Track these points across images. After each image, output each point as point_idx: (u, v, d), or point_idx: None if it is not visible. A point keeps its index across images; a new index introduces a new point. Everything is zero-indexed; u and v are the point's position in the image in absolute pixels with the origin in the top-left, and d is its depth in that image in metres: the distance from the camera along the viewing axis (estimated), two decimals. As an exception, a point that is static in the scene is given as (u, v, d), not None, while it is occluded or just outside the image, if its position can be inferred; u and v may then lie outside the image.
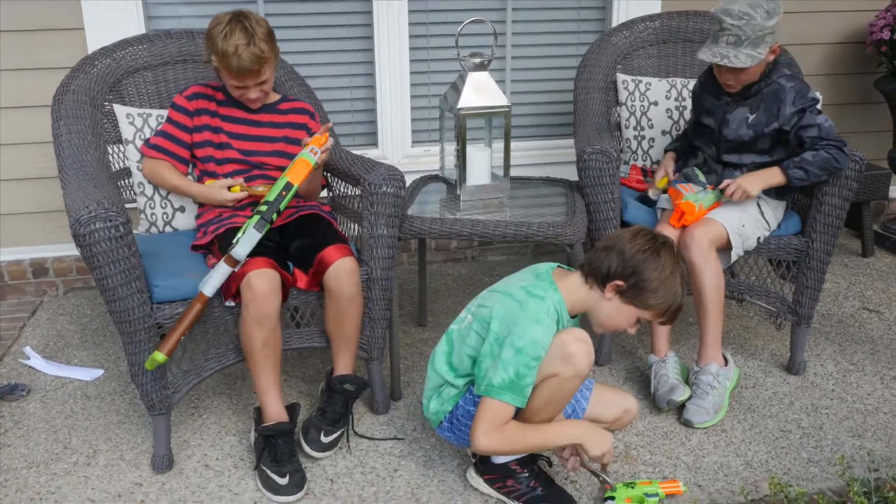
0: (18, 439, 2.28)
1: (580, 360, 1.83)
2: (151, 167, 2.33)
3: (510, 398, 1.82)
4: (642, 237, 1.87)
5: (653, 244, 1.85)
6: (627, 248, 1.85)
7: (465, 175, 2.51)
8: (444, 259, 3.57)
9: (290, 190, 2.09)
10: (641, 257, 1.83)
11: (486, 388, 1.83)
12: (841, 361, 2.68)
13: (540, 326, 1.82)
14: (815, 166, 2.31)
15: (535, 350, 1.81)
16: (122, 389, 2.53)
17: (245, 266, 2.02)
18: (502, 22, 3.32)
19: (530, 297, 1.86)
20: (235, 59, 2.13)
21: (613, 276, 1.85)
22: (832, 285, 3.27)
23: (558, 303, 1.88)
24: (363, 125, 3.34)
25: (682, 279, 1.87)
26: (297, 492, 2.01)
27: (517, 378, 1.81)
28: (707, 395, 2.32)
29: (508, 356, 1.81)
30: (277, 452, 2.05)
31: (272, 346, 2.08)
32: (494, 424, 1.84)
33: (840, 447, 2.22)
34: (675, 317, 1.91)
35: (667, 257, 1.84)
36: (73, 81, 2.36)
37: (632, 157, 2.90)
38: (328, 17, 3.16)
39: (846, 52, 3.63)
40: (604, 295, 1.87)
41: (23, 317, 3.02)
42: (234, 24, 2.15)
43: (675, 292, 1.85)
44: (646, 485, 1.99)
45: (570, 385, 1.87)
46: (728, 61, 2.29)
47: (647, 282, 1.83)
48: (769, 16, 2.26)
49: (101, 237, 1.85)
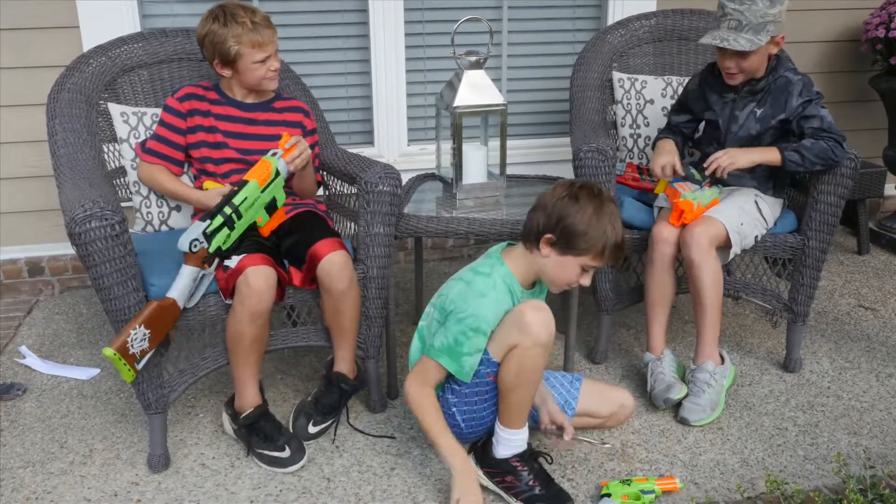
0: (14, 438, 2.27)
1: (536, 328, 1.86)
2: (148, 172, 2.32)
3: (446, 361, 1.91)
4: (560, 186, 1.92)
5: (570, 189, 1.90)
6: (548, 202, 1.91)
7: (461, 173, 2.51)
8: (440, 257, 3.57)
9: (245, 185, 2.07)
10: (561, 204, 1.88)
11: (428, 348, 1.97)
12: (837, 359, 2.68)
13: (485, 299, 1.90)
14: (812, 153, 2.31)
15: (475, 322, 1.88)
16: (119, 388, 2.52)
17: (242, 262, 2.02)
18: (498, 20, 3.32)
19: (476, 275, 1.95)
20: (256, 27, 2.19)
21: (542, 231, 1.90)
22: (828, 283, 3.28)
23: (506, 275, 1.94)
24: (359, 123, 3.34)
25: (610, 217, 1.89)
26: (302, 456, 2.12)
27: (455, 344, 1.89)
28: (703, 393, 2.32)
29: (450, 324, 1.91)
30: (266, 433, 2.12)
31: (260, 341, 2.09)
32: (422, 379, 1.97)
33: (836, 444, 2.23)
34: (616, 256, 1.92)
35: (586, 198, 1.88)
36: (69, 80, 2.35)
37: (627, 155, 2.90)
38: (324, 16, 3.16)
39: (841, 50, 3.63)
40: (541, 253, 1.92)
41: (18, 316, 3.01)
42: (225, 8, 2.21)
43: (603, 230, 1.88)
44: (642, 482, 1.99)
45: (532, 355, 1.88)
46: (728, 44, 2.29)
47: (573, 226, 1.87)
48: (772, 3, 2.26)
49: (96, 236, 1.84)
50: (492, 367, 1.94)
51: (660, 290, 2.42)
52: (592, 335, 2.74)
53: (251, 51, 2.21)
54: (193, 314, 2.07)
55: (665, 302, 2.44)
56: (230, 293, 2.04)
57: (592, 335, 2.74)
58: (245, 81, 2.28)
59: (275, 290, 2.05)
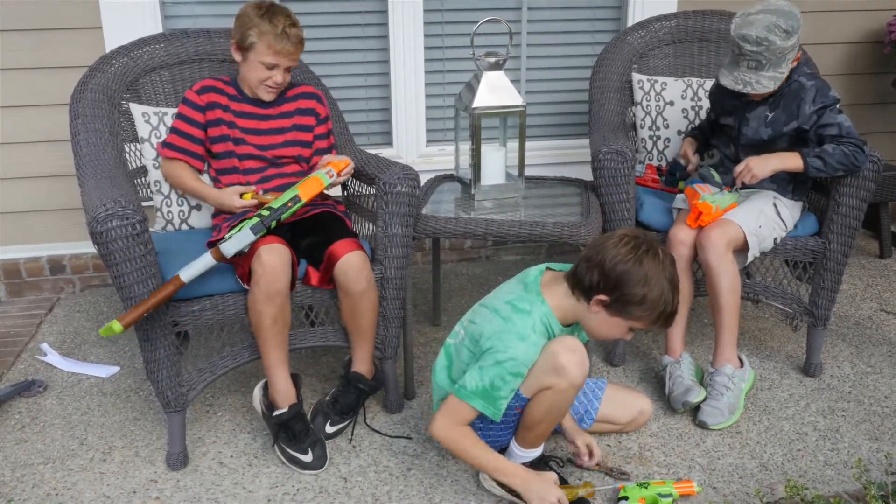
0: (35, 435, 2.29)
1: (572, 370, 1.81)
2: (169, 168, 2.34)
3: (480, 405, 1.83)
4: (624, 245, 1.77)
5: (635, 253, 1.75)
6: (608, 261, 1.76)
7: (479, 174, 2.51)
8: (458, 258, 3.57)
9: (297, 203, 2.09)
10: (623, 269, 1.75)
11: (458, 389, 1.86)
12: (858, 364, 2.66)
13: (524, 343, 1.80)
14: (834, 159, 2.29)
15: (516, 367, 1.80)
16: (138, 386, 2.54)
17: (256, 243, 2.03)
18: (517, 21, 3.31)
19: (515, 313, 1.84)
20: (283, 35, 2.20)
21: (596, 289, 1.79)
22: (849, 287, 3.24)
23: (546, 315, 1.84)
24: (378, 124, 3.34)
25: (671, 283, 1.78)
26: (322, 464, 2.12)
27: (491, 388, 1.81)
28: (722, 397, 2.31)
29: (487, 365, 1.81)
30: (295, 433, 2.13)
31: (282, 322, 2.09)
32: (453, 421, 1.88)
33: (857, 450, 2.21)
34: (669, 322, 1.83)
35: (650, 265, 1.75)
36: (91, 80, 2.37)
37: (647, 157, 2.89)
38: (344, 17, 3.17)
39: (864, 52, 3.60)
40: (590, 308, 1.82)
41: (40, 314, 3.04)
42: (273, 7, 2.22)
43: (664, 300, 1.77)
44: (659, 485, 1.98)
45: (565, 396, 1.86)
46: (752, 88, 2.28)
47: (631, 296, 1.76)
48: (788, 35, 2.23)
49: (117, 235, 1.86)
50: (521, 402, 1.91)
51: (678, 293, 2.41)
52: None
53: (265, 50, 2.21)
54: (212, 313, 2.08)
55: (683, 304, 2.42)
56: (247, 278, 2.06)
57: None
58: (246, 75, 2.29)
59: (290, 269, 2.05)
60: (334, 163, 2.20)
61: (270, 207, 2.07)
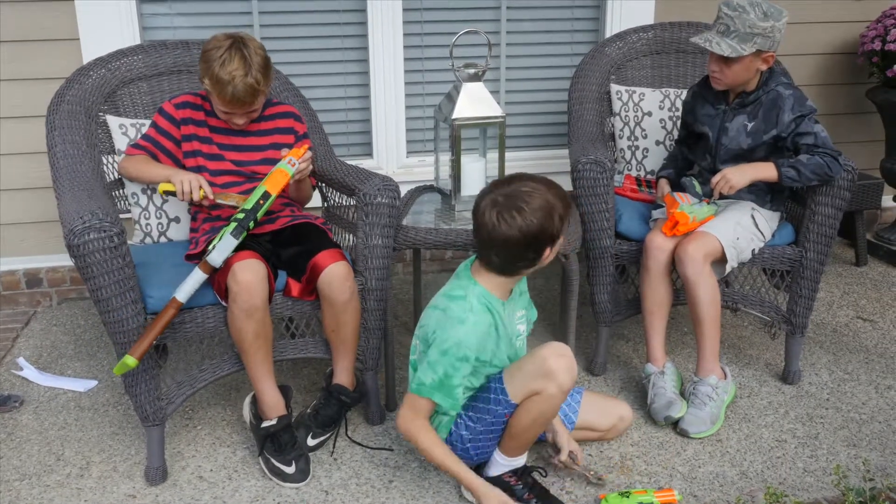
0: (11, 451, 2.26)
1: (561, 375, 1.85)
2: (129, 161, 2.29)
3: (440, 398, 1.87)
4: (490, 211, 1.85)
5: (501, 215, 1.82)
6: (486, 233, 1.86)
7: (459, 185, 2.51)
8: (439, 269, 3.57)
9: (268, 199, 2.10)
10: (502, 231, 1.82)
11: (418, 386, 1.90)
12: (836, 371, 2.68)
13: (464, 326, 1.85)
14: (809, 169, 2.32)
15: (460, 350, 1.84)
16: (116, 400, 2.51)
17: (229, 261, 2.02)
18: (497, 33, 3.33)
19: (451, 301, 1.90)
20: (230, 87, 2.08)
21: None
22: (826, 294, 3.28)
23: (481, 294, 1.89)
24: (358, 135, 3.34)
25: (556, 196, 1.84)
26: (304, 477, 2.11)
27: (445, 378, 1.85)
28: (705, 406, 2.32)
29: (435, 357, 1.86)
30: (281, 444, 2.12)
31: (263, 336, 2.09)
32: (414, 412, 1.92)
33: (835, 457, 2.23)
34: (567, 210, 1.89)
35: (523, 215, 1.81)
36: (68, 92, 2.36)
37: (625, 167, 2.91)
38: (323, 28, 3.17)
39: (838, 63, 3.65)
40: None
41: (16, 327, 3.01)
42: (233, 50, 2.09)
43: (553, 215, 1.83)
44: (641, 494, 1.98)
45: (554, 402, 1.89)
46: (710, 46, 2.32)
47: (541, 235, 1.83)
48: (765, 17, 2.27)
49: (95, 248, 1.84)
50: (510, 408, 1.92)
51: (656, 299, 2.42)
52: (591, 347, 2.74)
53: (218, 100, 2.15)
54: (191, 325, 2.07)
55: (662, 311, 2.44)
56: (224, 294, 2.05)
57: (591, 347, 2.74)
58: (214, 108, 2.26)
59: (266, 283, 2.05)
60: (292, 151, 2.19)
61: (244, 209, 2.07)
